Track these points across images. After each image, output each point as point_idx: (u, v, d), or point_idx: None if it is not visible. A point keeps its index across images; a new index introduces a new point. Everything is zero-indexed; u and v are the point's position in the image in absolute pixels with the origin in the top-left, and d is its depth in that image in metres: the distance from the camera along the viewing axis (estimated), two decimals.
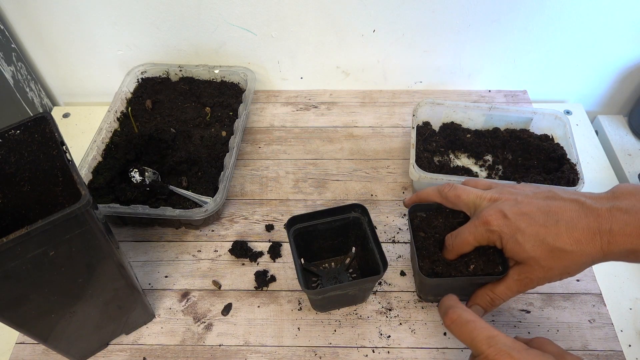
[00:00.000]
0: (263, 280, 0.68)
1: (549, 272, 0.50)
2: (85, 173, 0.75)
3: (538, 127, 0.81)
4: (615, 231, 0.44)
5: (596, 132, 0.94)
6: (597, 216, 0.46)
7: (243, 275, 0.70)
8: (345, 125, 0.90)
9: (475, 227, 0.54)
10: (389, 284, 0.68)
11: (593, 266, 0.69)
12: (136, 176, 0.74)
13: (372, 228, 0.62)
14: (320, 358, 0.61)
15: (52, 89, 1.00)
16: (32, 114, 0.64)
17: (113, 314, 0.59)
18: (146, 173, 0.75)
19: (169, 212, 0.69)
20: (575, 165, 0.73)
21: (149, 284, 0.69)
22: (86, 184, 0.62)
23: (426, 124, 0.83)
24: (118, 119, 0.85)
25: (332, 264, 0.69)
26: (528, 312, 0.65)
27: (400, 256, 0.71)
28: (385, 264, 0.58)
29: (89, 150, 0.77)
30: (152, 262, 0.71)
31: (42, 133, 0.50)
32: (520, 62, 0.93)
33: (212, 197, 0.71)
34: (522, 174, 0.76)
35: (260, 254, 0.72)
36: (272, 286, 0.68)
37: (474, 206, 0.56)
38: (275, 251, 0.71)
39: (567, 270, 0.50)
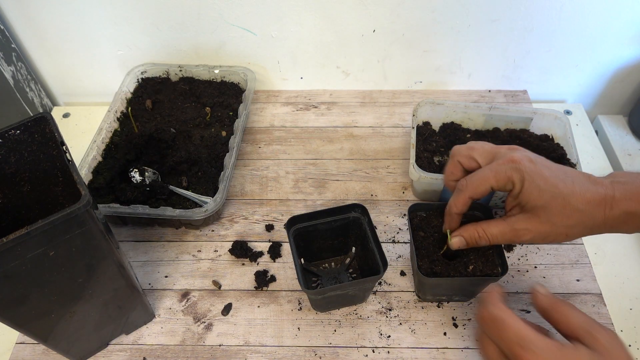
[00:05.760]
0: (263, 280, 0.68)
1: (552, 228, 0.50)
2: (85, 173, 0.75)
3: (538, 127, 0.81)
4: (617, 197, 0.49)
5: (596, 132, 0.94)
6: (602, 185, 0.50)
7: (243, 275, 0.70)
8: (345, 125, 0.90)
9: (498, 165, 0.52)
10: (389, 284, 0.68)
11: (593, 266, 0.69)
12: (136, 176, 0.74)
13: (372, 228, 0.62)
14: (320, 358, 0.61)
15: (52, 89, 1.00)
16: (32, 114, 0.64)
17: (113, 314, 0.59)
18: (146, 173, 0.75)
19: (169, 212, 0.69)
20: (575, 165, 0.73)
21: (149, 284, 0.69)
22: (86, 184, 0.62)
23: (426, 124, 0.83)
24: (118, 119, 0.85)
25: (332, 264, 0.69)
26: (528, 312, 0.65)
27: (400, 256, 0.71)
28: (385, 264, 0.58)
29: (89, 150, 0.77)
30: (152, 262, 0.71)
31: (42, 133, 0.50)
32: (520, 62, 0.93)
33: (212, 197, 0.71)
34: None
35: (260, 254, 0.72)
36: (272, 286, 0.68)
37: (492, 155, 0.55)
38: (275, 251, 0.72)
39: (569, 232, 0.50)
